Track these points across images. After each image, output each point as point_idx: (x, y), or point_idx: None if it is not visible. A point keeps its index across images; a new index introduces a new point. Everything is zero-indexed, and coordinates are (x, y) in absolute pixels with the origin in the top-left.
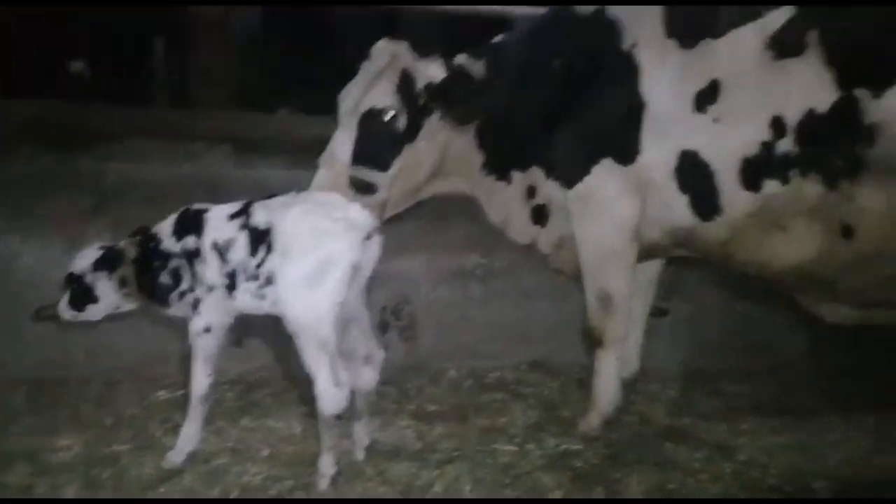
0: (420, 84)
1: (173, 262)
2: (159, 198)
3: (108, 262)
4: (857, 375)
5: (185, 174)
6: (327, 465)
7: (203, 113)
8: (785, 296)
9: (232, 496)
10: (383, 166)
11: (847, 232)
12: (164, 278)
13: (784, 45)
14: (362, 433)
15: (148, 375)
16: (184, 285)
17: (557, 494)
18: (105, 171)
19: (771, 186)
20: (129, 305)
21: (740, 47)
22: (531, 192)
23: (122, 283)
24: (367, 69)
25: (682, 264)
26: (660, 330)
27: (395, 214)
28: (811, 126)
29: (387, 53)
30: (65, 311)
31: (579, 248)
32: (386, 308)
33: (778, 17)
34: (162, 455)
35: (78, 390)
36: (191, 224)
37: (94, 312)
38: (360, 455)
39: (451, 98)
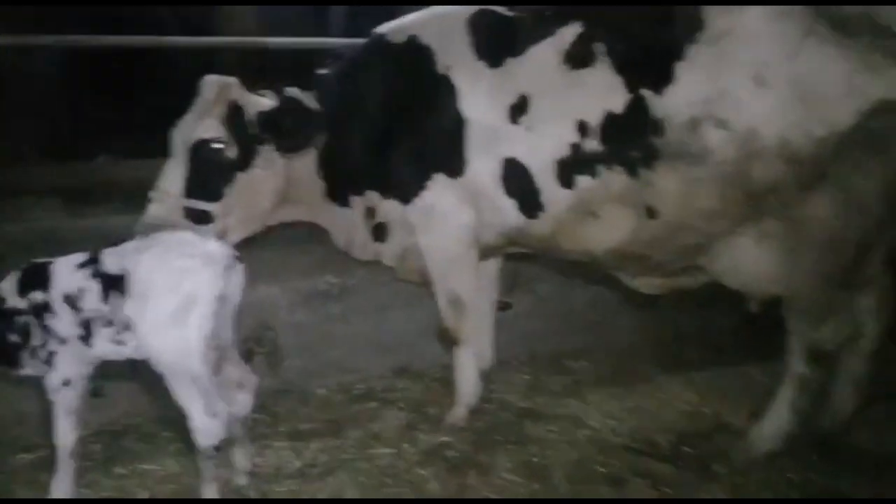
0: (249, 114)
1: (20, 320)
2: None
3: None
4: (682, 342)
5: (18, 230)
6: (211, 497)
7: (22, 168)
8: (605, 275)
9: None
10: (216, 196)
11: (651, 212)
12: (13, 337)
13: (577, 58)
14: (242, 458)
15: (5, 439)
16: (35, 341)
17: (435, 485)
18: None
19: (583, 181)
20: None
21: (540, 63)
22: (370, 213)
23: None
24: (197, 103)
25: (518, 261)
26: (507, 322)
27: (246, 243)
28: (610, 125)
29: (215, 87)
30: None
31: (426, 257)
32: (248, 338)
33: (567, 33)
34: None
35: None
36: (36, 279)
37: None
38: (242, 480)
39: (281, 128)
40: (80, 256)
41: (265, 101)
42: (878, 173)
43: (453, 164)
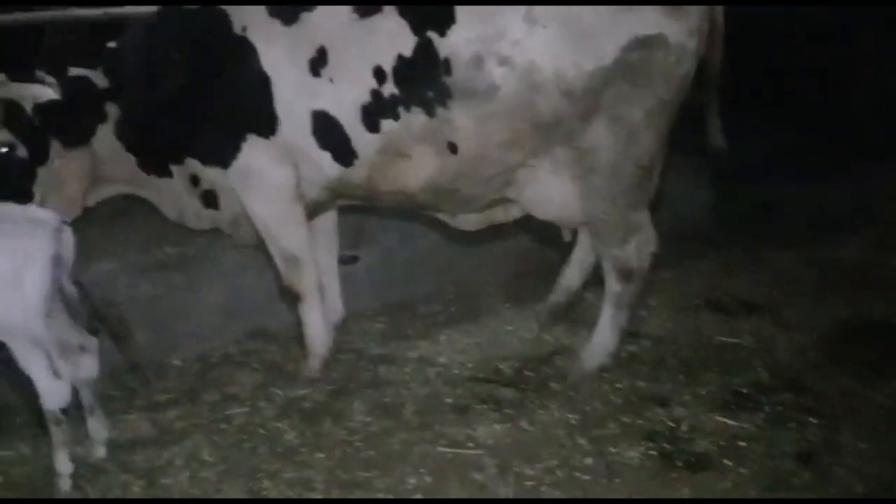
0: (28, 108)
1: None
2: None
3: None
4: (524, 277)
5: None
6: (62, 464)
7: None
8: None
9: None
10: (26, 197)
11: (453, 148)
12: None
13: (366, 6)
14: (98, 426)
15: None
16: None
17: (292, 435)
18: None
19: (388, 125)
20: None
21: (332, 14)
22: (195, 180)
23: None
24: None
25: (361, 215)
26: (357, 275)
27: (76, 219)
28: (403, 68)
29: None
30: None
31: (253, 219)
32: (91, 315)
33: None
34: None
35: None
36: None
37: None
38: (100, 452)
39: (61, 117)
40: None
41: (40, 90)
42: (641, 103)
43: (264, 124)
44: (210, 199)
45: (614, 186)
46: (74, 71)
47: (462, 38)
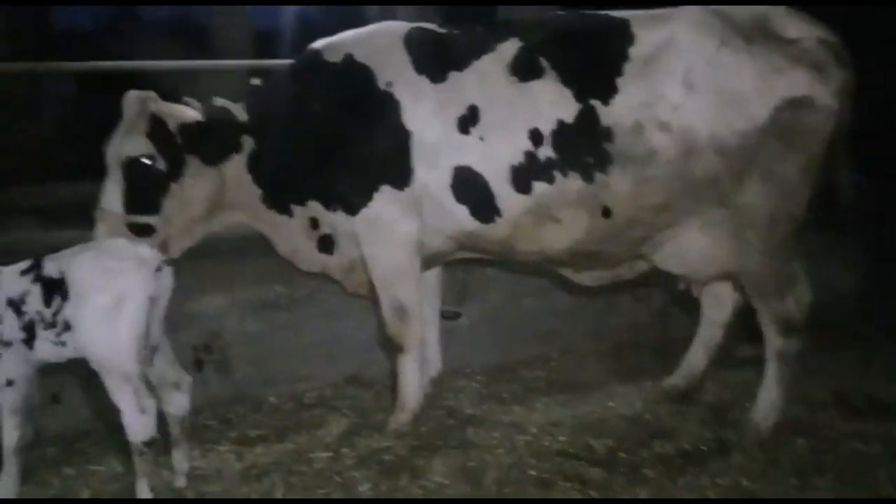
0: (172, 125)
1: None
2: None
3: None
4: (636, 349)
5: None
6: (143, 491)
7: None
8: (548, 271)
9: None
10: (155, 209)
11: (606, 212)
12: None
13: (525, 70)
14: (181, 459)
15: None
16: None
17: (366, 487)
18: None
19: (540, 187)
20: None
21: (487, 75)
22: (314, 223)
23: None
24: (122, 121)
25: (467, 272)
26: (459, 332)
27: (194, 254)
28: (563, 133)
29: (136, 102)
30: None
31: (370, 267)
32: (197, 346)
33: (508, 48)
34: None
35: None
36: None
37: None
38: (181, 482)
39: (201, 138)
40: (24, 263)
41: (184, 111)
42: (793, 160)
43: (399, 176)
44: (326, 244)
45: (770, 240)
46: (218, 101)
47: (624, 106)
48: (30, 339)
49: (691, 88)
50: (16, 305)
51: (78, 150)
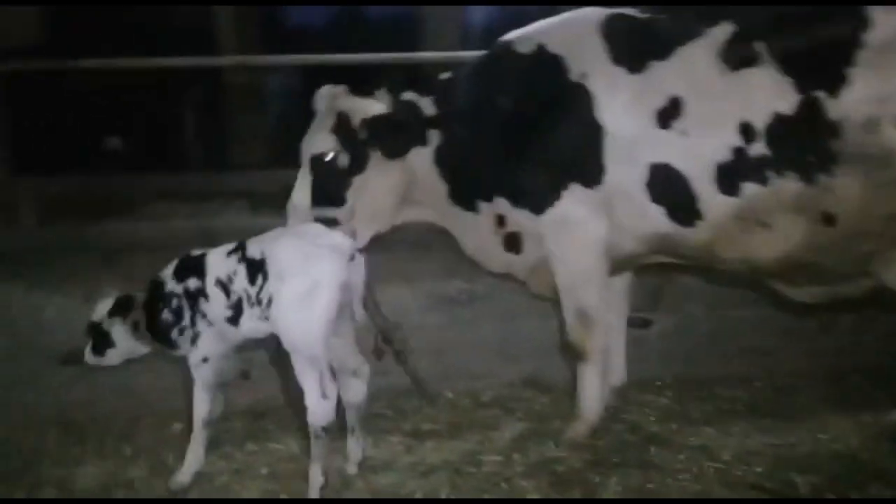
0: (356, 120)
1: (174, 303)
2: (160, 250)
3: (120, 308)
4: (860, 377)
5: (189, 227)
6: (315, 476)
7: (227, 173)
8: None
9: None
10: (339, 202)
11: (828, 220)
12: (167, 317)
13: (738, 58)
14: (355, 447)
15: (166, 411)
16: (184, 322)
17: (535, 496)
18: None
19: (750, 189)
20: (143, 349)
21: (692, 64)
22: (500, 221)
23: (135, 327)
24: (316, 116)
25: (661, 278)
26: (650, 341)
27: (378, 245)
28: (779, 128)
29: (326, 97)
30: (89, 357)
31: (555, 268)
32: (378, 334)
33: (720, 33)
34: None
35: (102, 427)
36: (191, 267)
37: (113, 357)
38: (352, 469)
39: (384, 132)
40: (229, 246)
41: (370, 106)
42: None
43: (589, 174)
44: (512, 243)
45: None
46: (407, 95)
47: (856, 98)
48: (236, 316)
49: None
50: (223, 285)
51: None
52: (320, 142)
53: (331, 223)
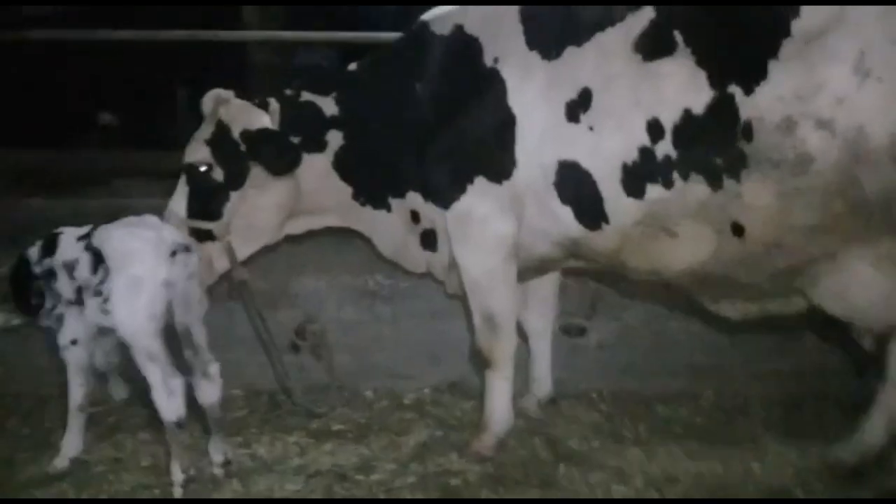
0: (235, 133)
1: (36, 283)
2: None
3: None
4: (814, 403)
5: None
6: (175, 473)
7: None
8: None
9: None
10: (214, 216)
11: (737, 230)
12: (34, 298)
13: (652, 46)
14: (214, 449)
15: None
16: (47, 303)
17: None
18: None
19: (655, 192)
20: (16, 320)
21: (606, 52)
22: (415, 216)
23: (3, 299)
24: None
25: (601, 282)
26: (587, 351)
27: (298, 236)
28: (687, 126)
29: (211, 102)
30: None
31: (460, 269)
32: (294, 329)
33: (640, 19)
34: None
35: (9, 406)
36: (49, 247)
37: None
38: (216, 471)
39: (263, 148)
40: (84, 229)
41: (254, 116)
42: None
43: (498, 167)
44: (429, 240)
45: None
46: (306, 96)
47: (773, 95)
48: (80, 302)
49: (867, 75)
50: (69, 269)
51: None
52: (195, 151)
53: (205, 236)
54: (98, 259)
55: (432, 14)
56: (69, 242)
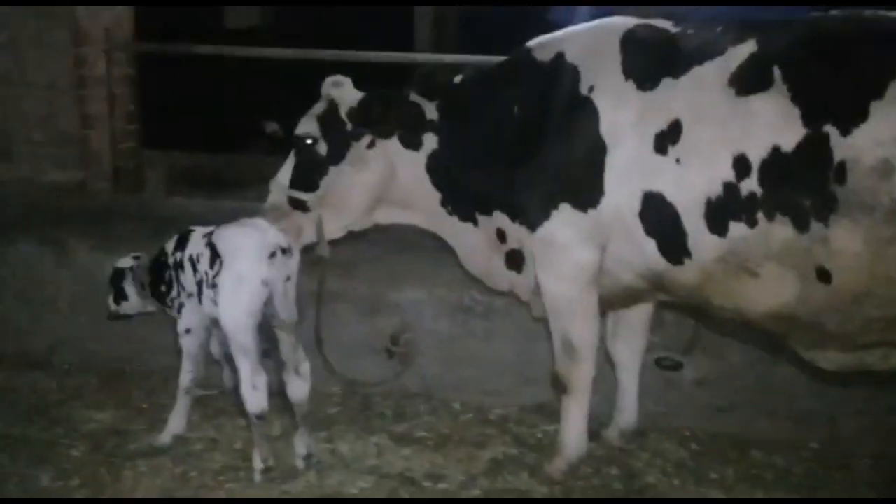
0: (343, 111)
1: (168, 273)
2: None
3: (129, 269)
4: None
5: None
6: (255, 460)
7: None
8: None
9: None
10: (312, 187)
11: (823, 276)
12: (163, 286)
13: (747, 80)
14: (299, 443)
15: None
16: (174, 292)
17: None
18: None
19: (737, 230)
20: (150, 307)
21: (702, 84)
22: (501, 235)
23: (142, 286)
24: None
25: (702, 317)
26: (682, 386)
27: (399, 248)
28: (775, 163)
29: (328, 86)
30: (111, 305)
31: (543, 294)
32: (389, 336)
33: (740, 52)
34: None
35: (137, 380)
36: (181, 241)
37: (126, 308)
38: (298, 464)
39: (370, 113)
40: (209, 228)
41: (363, 99)
42: None
43: (583, 195)
44: (515, 260)
45: None
46: (414, 97)
47: (871, 137)
48: (199, 293)
49: None
50: (193, 263)
51: None
52: (304, 125)
53: (300, 205)
54: (215, 254)
55: (537, 41)
56: (197, 239)
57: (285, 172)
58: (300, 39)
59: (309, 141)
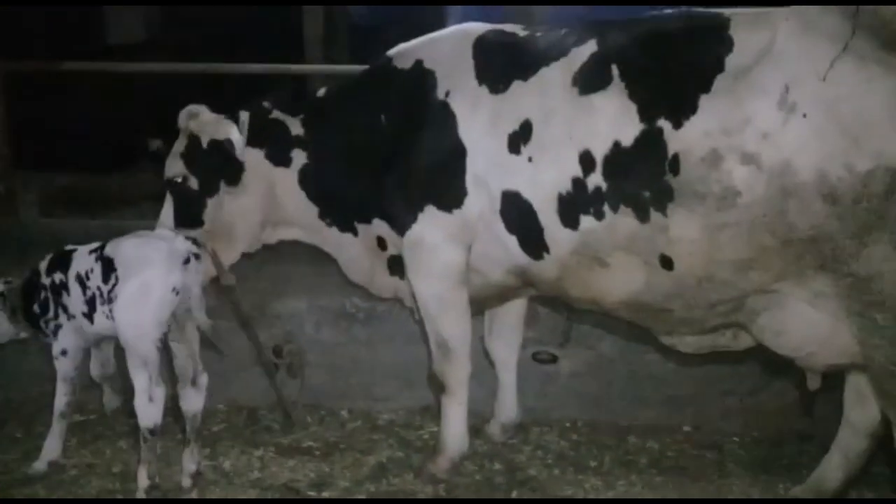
0: (205, 142)
1: (43, 295)
2: None
3: (1, 293)
4: (801, 441)
5: None
6: (141, 478)
7: None
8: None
9: None
10: (196, 223)
11: (666, 263)
12: (36, 308)
13: (588, 80)
14: (188, 460)
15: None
16: (49, 314)
17: None
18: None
19: (587, 223)
20: (23, 333)
21: (548, 85)
22: (382, 243)
23: (13, 312)
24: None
25: (574, 310)
26: (558, 379)
27: (277, 257)
28: (616, 158)
29: (184, 119)
30: None
31: (415, 296)
32: (271, 348)
33: (581, 53)
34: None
35: (10, 411)
36: (59, 262)
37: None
38: (185, 482)
39: (219, 158)
40: (95, 245)
41: (224, 129)
42: None
43: (447, 196)
44: (396, 266)
45: None
46: (276, 114)
47: (699, 129)
48: (91, 311)
49: (792, 110)
50: (81, 280)
51: None
52: (170, 167)
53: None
54: (110, 267)
55: (397, 49)
56: (83, 256)
57: (167, 214)
58: (189, 52)
59: (178, 180)
